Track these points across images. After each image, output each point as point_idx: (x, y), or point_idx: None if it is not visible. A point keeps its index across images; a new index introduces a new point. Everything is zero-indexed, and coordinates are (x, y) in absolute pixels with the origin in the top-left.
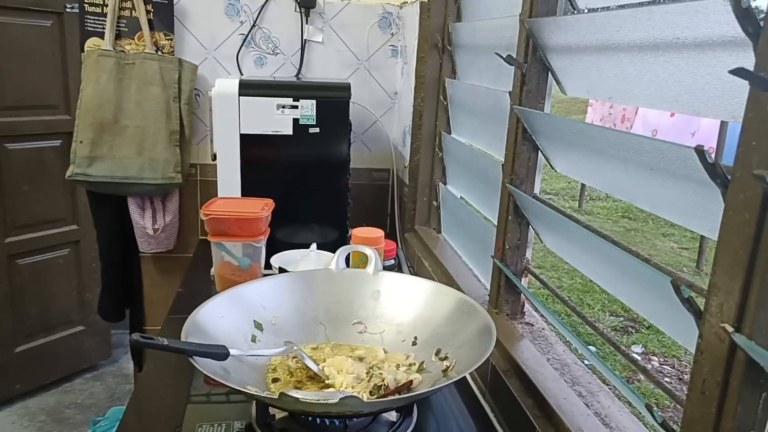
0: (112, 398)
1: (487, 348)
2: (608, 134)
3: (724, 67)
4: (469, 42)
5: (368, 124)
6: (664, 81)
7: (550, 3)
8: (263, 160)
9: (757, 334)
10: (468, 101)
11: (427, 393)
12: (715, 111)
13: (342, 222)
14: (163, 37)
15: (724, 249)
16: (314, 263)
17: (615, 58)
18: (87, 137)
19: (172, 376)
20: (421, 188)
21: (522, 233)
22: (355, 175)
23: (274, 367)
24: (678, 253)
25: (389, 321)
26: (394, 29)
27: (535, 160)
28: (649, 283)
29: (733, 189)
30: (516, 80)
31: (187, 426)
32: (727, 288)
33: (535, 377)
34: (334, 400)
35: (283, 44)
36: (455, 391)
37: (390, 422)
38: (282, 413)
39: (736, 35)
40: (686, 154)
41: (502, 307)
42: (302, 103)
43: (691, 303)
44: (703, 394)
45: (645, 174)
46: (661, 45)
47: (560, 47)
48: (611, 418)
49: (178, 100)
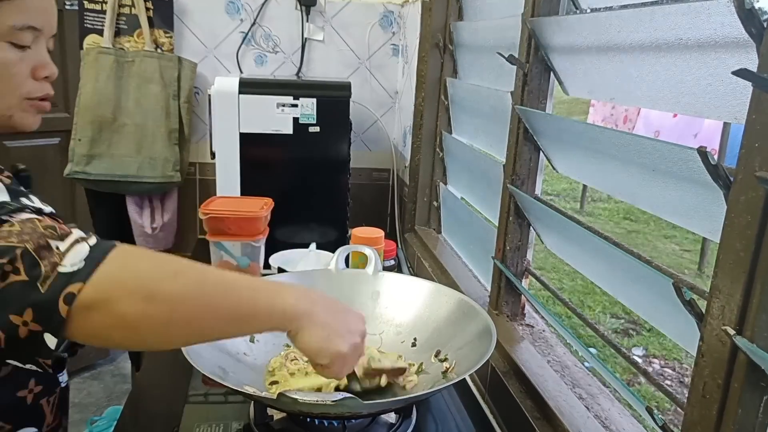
0: (109, 398)
1: (487, 349)
2: (610, 135)
3: (726, 69)
4: (470, 41)
5: (369, 124)
6: (667, 82)
7: (552, 3)
8: (263, 159)
9: (759, 336)
10: (469, 101)
11: (427, 394)
12: (718, 112)
13: (342, 222)
14: (163, 34)
15: (726, 251)
16: (313, 263)
17: (617, 58)
18: (86, 135)
19: (170, 376)
20: (422, 188)
21: (523, 234)
22: (355, 174)
23: (272, 370)
24: (680, 255)
25: (389, 322)
26: (395, 28)
27: (537, 160)
28: (651, 285)
29: (736, 191)
30: (518, 80)
31: (184, 426)
32: (728, 290)
33: (535, 379)
34: (333, 401)
35: (284, 43)
36: (455, 393)
37: (389, 424)
38: (280, 414)
39: (739, 36)
40: (688, 156)
41: (503, 308)
42: (302, 102)
43: (692, 305)
44: (704, 396)
45: (647, 175)
46: (663, 46)
47: (562, 47)
48: (611, 420)
49: (178, 98)
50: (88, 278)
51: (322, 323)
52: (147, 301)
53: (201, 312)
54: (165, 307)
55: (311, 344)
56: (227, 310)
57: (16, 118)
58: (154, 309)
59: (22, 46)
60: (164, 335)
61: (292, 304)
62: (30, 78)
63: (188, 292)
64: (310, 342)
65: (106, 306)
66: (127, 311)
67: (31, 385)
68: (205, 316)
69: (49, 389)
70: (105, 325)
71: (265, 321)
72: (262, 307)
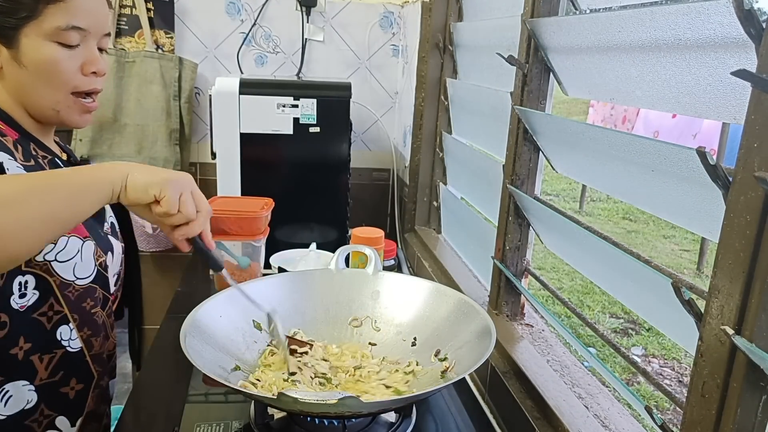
0: None
1: (487, 349)
2: (609, 135)
3: (726, 69)
4: (470, 42)
5: (369, 124)
6: (666, 82)
7: (552, 3)
8: (263, 160)
9: (758, 336)
10: (469, 101)
11: (426, 394)
12: (717, 113)
13: (342, 222)
14: (164, 35)
15: (725, 251)
16: (314, 263)
17: (617, 59)
18: (86, 135)
19: (170, 375)
20: (422, 188)
21: (522, 234)
22: (355, 174)
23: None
24: (679, 255)
25: (389, 321)
26: (395, 29)
27: (536, 160)
28: (650, 284)
29: (735, 191)
30: (517, 80)
31: (185, 426)
32: (727, 290)
33: (535, 379)
34: (333, 400)
35: (284, 43)
36: (454, 392)
37: (389, 423)
38: (280, 413)
39: (739, 37)
40: (688, 156)
41: (502, 308)
42: (303, 102)
43: (691, 305)
44: (703, 396)
45: (646, 175)
46: (663, 46)
47: (562, 48)
48: (611, 420)
49: (178, 98)
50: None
51: (143, 170)
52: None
53: (41, 198)
54: (8, 206)
55: (138, 185)
56: (60, 189)
57: (63, 113)
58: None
59: (70, 46)
60: (20, 231)
61: (110, 167)
62: (78, 73)
63: (23, 187)
64: (136, 185)
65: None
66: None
67: (21, 343)
68: (45, 200)
69: (42, 347)
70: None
71: (94, 191)
72: (87, 177)
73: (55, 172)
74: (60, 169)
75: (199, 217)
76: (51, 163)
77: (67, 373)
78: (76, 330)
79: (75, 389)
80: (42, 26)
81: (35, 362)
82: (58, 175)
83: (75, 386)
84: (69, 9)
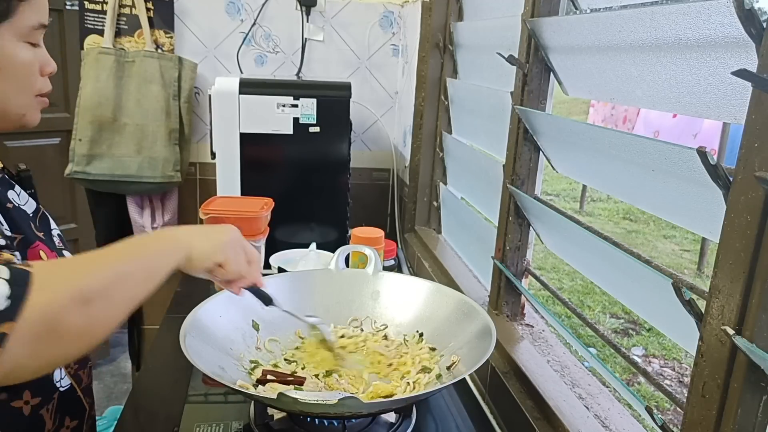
0: (109, 397)
1: (487, 349)
2: (610, 135)
3: (726, 69)
4: (470, 42)
5: (369, 124)
6: (666, 82)
7: (552, 3)
8: (263, 160)
9: (759, 336)
10: (469, 101)
11: (426, 394)
12: (718, 112)
13: (342, 222)
14: (163, 35)
15: (726, 251)
16: (313, 263)
17: (617, 58)
18: (86, 135)
19: (171, 375)
20: (422, 188)
21: (522, 234)
22: (355, 174)
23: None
24: (679, 255)
25: (389, 322)
26: (395, 28)
27: (536, 160)
28: (650, 285)
29: (735, 191)
30: (517, 80)
31: (184, 426)
32: (728, 290)
33: (535, 379)
34: (333, 400)
35: (284, 43)
36: (454, 393)
37: (389, 423)
38: (280, 414)
39: (739, 36)
40: (688, 156)
41: (502, 308)
42: (302, 102)
43: (692, 305)
44: (704, 396)
45: (646, 175)
46: (663, 46)
47: (562, 47)
48: (611, 420)
49: (178, 98)
50: (16, 315)
51: (200, 237)
52: (85, 304)
53: (125, 286)
54: (101, 299)
55: (203, 253)
56: (138, 272)
57: (28, 116)
58: (95, 306)
59: (35, 45)
60: (111, 320)
61: (172, 239)
62: (39, 75)
63: (108, 276)
64: (201, 253)
65: (53, 329)
66: (72, 323)
67: (27, 397)
68: (128, 287)
69: (47, 398)
70: (60, 344)
71: (164, 270)
72: (157, 256)
73: (128, 251)
74: (127, 244)
75: (252, 270)
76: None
77: (62, 416)
78: (63, 367)
79: (69, 427)
80: (17, 25)
81: (44, 415)
82: (132, 256)
83: (69, 424)
84: (38, 6)
